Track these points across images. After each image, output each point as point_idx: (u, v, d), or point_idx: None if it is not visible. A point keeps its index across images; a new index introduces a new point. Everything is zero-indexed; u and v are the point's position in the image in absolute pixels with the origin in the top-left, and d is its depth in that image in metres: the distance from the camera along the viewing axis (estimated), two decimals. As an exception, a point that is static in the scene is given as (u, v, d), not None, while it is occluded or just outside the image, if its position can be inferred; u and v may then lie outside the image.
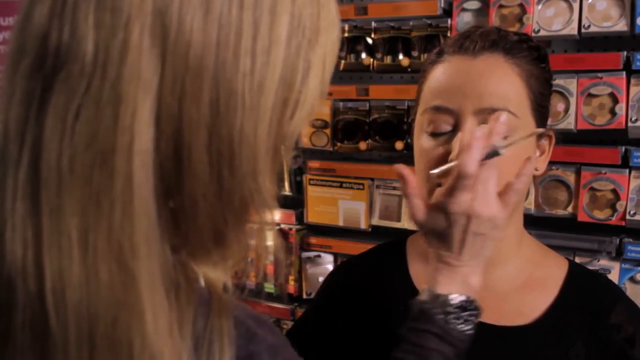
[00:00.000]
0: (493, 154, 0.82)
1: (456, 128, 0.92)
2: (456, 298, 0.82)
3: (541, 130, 0.91)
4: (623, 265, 1.75)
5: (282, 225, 2.20)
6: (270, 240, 0.61)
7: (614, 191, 1.74)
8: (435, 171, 0.87)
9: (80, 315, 0.49)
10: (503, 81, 0.94)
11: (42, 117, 0.50)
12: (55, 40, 0.50)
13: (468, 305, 0.82)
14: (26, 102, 0.51)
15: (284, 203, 2.20)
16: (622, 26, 1.70)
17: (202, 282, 0.58)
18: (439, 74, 0.97)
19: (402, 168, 0.89)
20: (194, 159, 0.52)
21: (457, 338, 0.81)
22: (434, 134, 0.95)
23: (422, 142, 0.96)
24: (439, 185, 0.88)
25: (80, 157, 0.49)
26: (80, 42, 0.49)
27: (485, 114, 0.92)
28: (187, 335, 0.52)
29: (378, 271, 1.10)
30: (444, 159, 0.91)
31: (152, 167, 0.50)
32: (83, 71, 0.49)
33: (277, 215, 2.16)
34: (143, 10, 0.49)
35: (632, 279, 1.75)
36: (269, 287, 2.23)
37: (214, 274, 0.58)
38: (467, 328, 0.82)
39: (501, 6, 1.83)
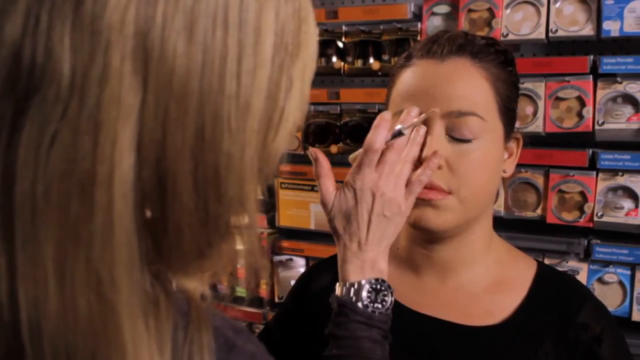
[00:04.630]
0: (398, 133, 0.90)
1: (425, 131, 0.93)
2: (368, 283, 0.87)
3: (436, 110, 0.92)
4: (591, 266, 1.78)
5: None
6: (240, 244, 0.59)
7: (581, 193, 1.76)
8: (352, 155, 0.95)
9: (57, 348, 0.47)
10: (470, 85, 0.94)
11: (15, 143, 0.47)
12: (29, 60, 0.46)
13: (380, 286, 0.87)
14: None
15: (256, 207, 2.20)
16: (588, 30, 1.73)
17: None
18: (407, 78, 0.98)
19: (316, 152, 0.95)
20: (178, 186, 0.49)
21: (379, 320, 0.86)
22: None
23: (392, 145, 0.97)
24: None
25: (56, 186, 0.46)
26: (56, 64, 0.46)
27: (453, 117, 0.92)
28: (167, 353, 0.50)
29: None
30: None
31: (133, 196, 0.48)
32: (59, 96, 0.46)
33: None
34: (124, 34, 0.46)
35: (600, 280, 1.77)
36: (241, 291, 2.21)
37: (192, 284, 0.56)
38: (385, 308, 0.87)
39: (470, 10, 1.85)
